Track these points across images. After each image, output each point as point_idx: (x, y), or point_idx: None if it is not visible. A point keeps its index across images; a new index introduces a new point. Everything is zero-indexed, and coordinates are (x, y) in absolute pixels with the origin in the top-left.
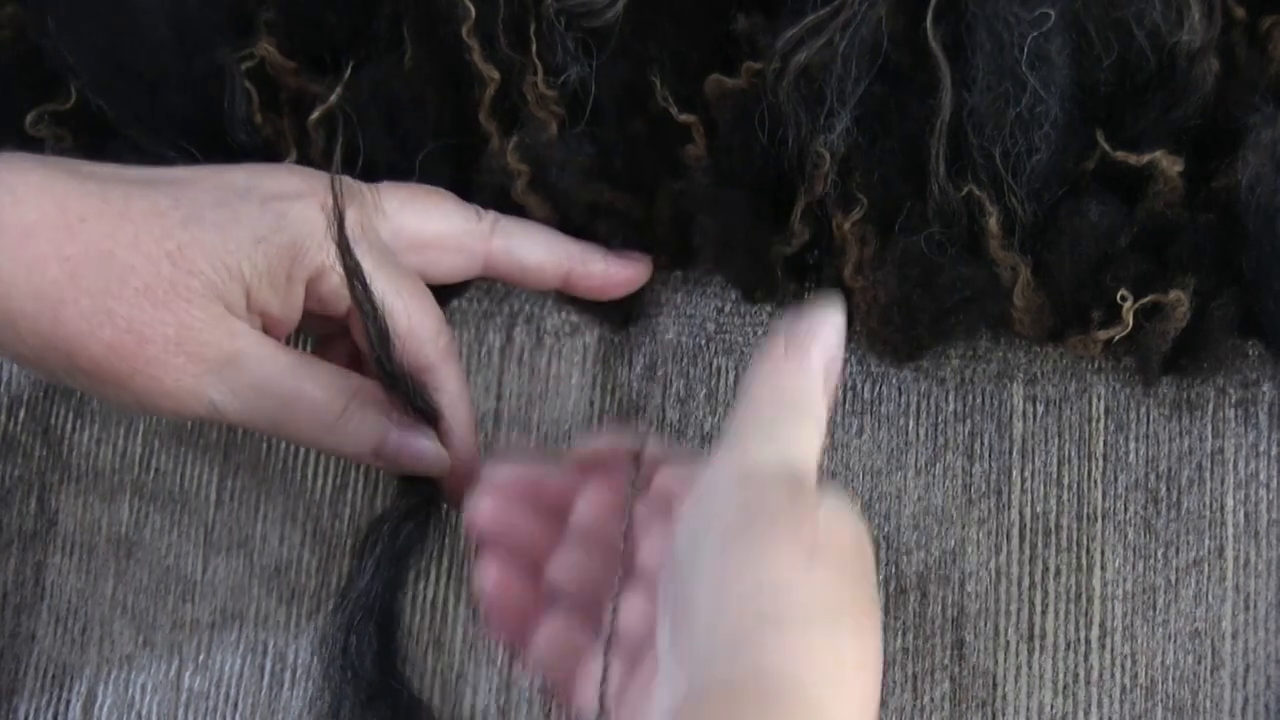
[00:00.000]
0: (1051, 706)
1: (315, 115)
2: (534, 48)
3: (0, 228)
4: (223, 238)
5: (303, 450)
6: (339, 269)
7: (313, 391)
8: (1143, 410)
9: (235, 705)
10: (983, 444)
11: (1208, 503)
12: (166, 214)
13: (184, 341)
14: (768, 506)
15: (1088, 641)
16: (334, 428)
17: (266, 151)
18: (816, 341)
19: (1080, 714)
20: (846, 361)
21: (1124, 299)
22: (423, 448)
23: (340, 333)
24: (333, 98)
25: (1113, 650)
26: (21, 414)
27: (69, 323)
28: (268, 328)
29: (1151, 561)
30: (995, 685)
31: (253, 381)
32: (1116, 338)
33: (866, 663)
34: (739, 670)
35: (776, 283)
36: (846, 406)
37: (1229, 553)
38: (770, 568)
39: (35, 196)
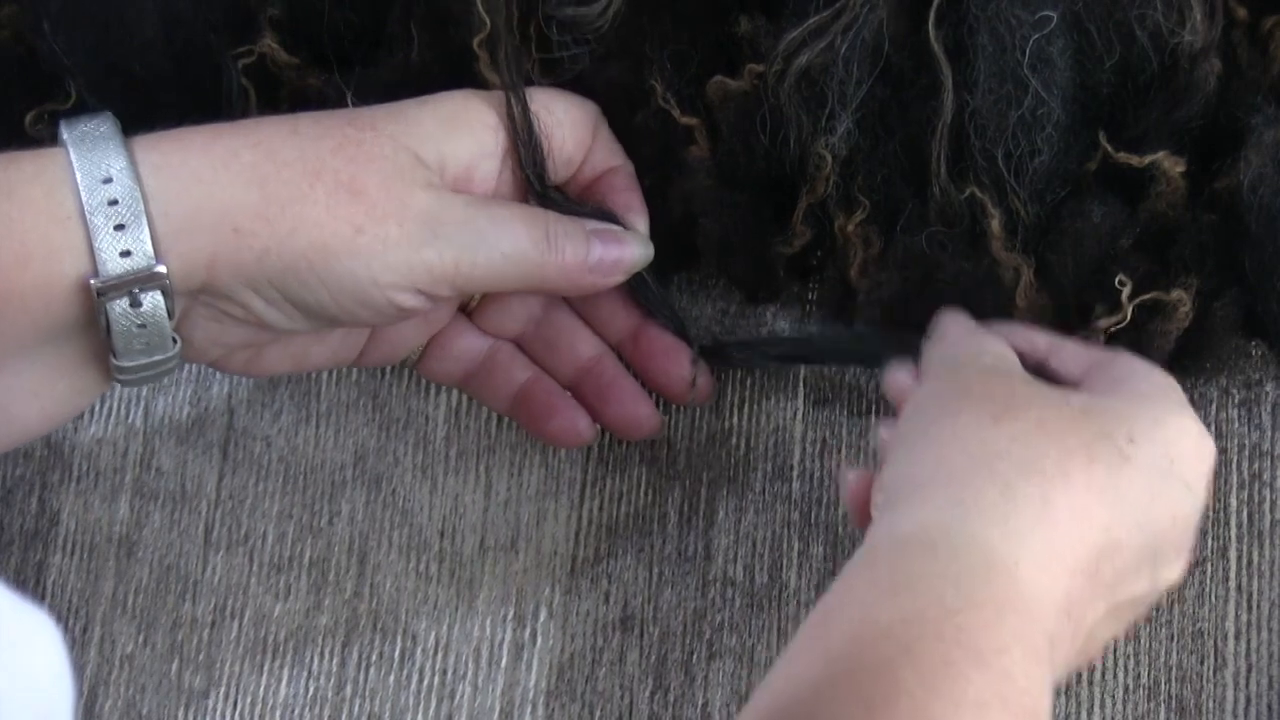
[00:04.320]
0: (1054, 706)
1: None
2: (533, 45)
3: (186, 144)
4: (385, 106)
5: (300, 449)
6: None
7: (520, 219)
8: None
9: (235, 704)
10: None
11: (1211, 503)
12: (328, 113)
13: (392, 191)
14: (961, 382)
15: None
16: (546, 255)
17: None
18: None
19: (1083, 714)
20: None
21: (1122, 284)
22: (627, 248)
23: None
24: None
25: (1115, 650)
26: None
27: (280, 191)
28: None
29: None
30: None
31: (460, 226)
32: (1114, 328)
33: (1054, 517)
34: (908, 524)
35: (779, 283)
36: (850, 406)
37: (1232, 553)
38: (952, 424)
39: (204, 130)
